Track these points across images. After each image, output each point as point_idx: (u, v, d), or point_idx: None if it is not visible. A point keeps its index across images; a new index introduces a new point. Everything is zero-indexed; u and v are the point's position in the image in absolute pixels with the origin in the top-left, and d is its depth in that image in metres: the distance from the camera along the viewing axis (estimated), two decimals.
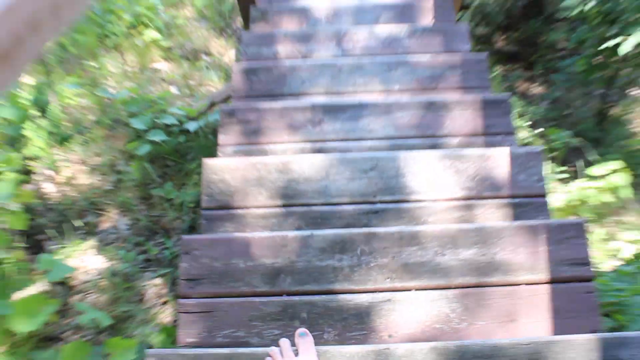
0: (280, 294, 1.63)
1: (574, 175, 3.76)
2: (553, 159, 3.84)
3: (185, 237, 1.71)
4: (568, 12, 4.07)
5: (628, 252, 3.06)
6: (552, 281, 1.64)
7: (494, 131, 2.28)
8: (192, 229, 3.05)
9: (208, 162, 2.01)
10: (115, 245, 2.90)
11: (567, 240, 1.68)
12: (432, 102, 2.31)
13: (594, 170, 3.47)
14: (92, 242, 2.88)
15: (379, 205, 1.94)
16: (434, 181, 1.98)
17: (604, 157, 3.79)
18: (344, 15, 3.20)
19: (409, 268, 1.65)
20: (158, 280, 2.78)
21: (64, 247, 2.82)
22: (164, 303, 2.69)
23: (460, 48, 2.86)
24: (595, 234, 3.26)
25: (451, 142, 2.27)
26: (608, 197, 3.31)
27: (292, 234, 1.69)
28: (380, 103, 2.31)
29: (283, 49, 2.91)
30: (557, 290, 1.63)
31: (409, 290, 1.63)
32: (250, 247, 1.67)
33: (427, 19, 3.21)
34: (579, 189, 3.37)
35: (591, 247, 3.18)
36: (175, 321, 2.62)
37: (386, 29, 2.97)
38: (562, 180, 3.60)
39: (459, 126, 2.28)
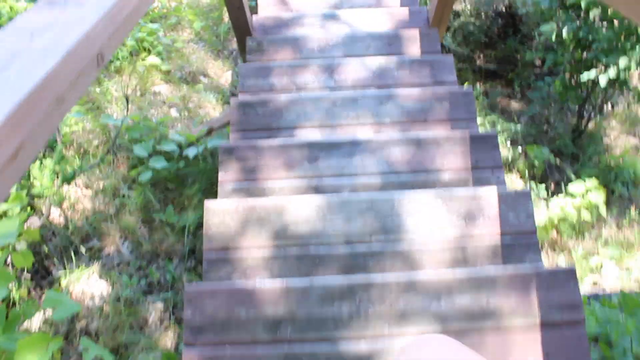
0: (281, 343, 1.55)
1: (554, 190, 3.72)
2: (533, 176, 3.78)
3: (189, 286, 1.63)
4: (544, 36, 4.02)
5: (609, 269, 3.02)
6: (545, 326, 1.58)
7: (482, 166, 2.21)
8: (192, 252, 2.97)
9: (209, 204, 1.93)
10: (118, 269, 2.81)
11: (558, 285, 1.61)
12: (422, 138, 2.24)
13: (571, 187, 3.42)
14: (96, 266, 2.79)
15: (374, 246, 1.87)
16: (428, 221, 1.91)
17: (581, 173, 3.75)
18: (335, 45, 3.11)
19: (407, 315, 1.58)
20: (160, 305, 2.69)
21: (69, 271, 2.73)
22: (166, 328, 2.61)
23: (446, 79, 2.79)
24: (576, 250, 3.21)
25: (442, 177, 2.20)
26: (586, 214, 3.26)
27: (292, 283, 1.62)
28: (373, 140, 2.24)
29: (278, 80, 2.82)
30: (550, 334, 1.57)
31: (407, 337, 1.56)
32: (252, 297, 1.59)
33: (414, 47, 3.13)
34: (558, 206, 3.32)
35: (573, 263, 3.14)
36: (177, 346, 2.54)
37: (376, 60, 2.89)
38: (543, 197, 3.55)
39: (449, 162, 2.21)
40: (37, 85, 0.86)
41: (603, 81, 3.24)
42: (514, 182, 3.71)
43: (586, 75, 3.39)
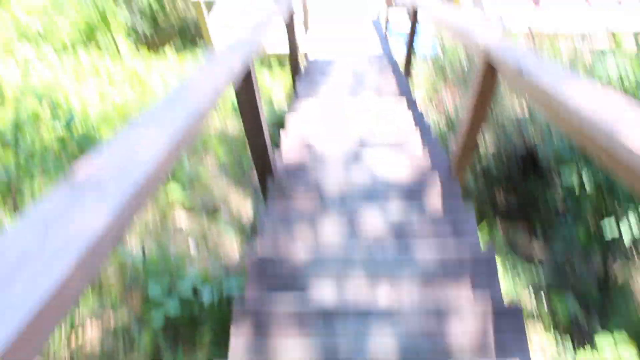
0: None
1: (581, 341, 3.55)
2: (557, 327, 3.63)
3: None
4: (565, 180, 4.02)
5: None
6: None
7: (504, 331, 2.11)
8: None
9: None
10: None
11: None
12: (442, 308, 2.17)
13: (599, 342, 3.26)
14: None
15: None
16: None
17: (609, 324, 3.59)
18: (356, 191, 3.13)
19: None
20: None
21: None
22: None
23: (468, 235, 2.76)
24: None
25: (462, 344, 2.10)
26: None
27: None
28: (391, 308, 2.17)
29: (298, 229, 2.82)
30: None
31: None
32: None
33: (435, 196, 3.14)
34: None
35: None
36: None
37: (396, 210, 2.89)
38: (569, 352, 3.38)
39: (470, 332, 2.12)
40: (43, 304, 0.82)
41: (627, 238, 3.19)
42: (537, 332, 3.56)
43: (609, 232, 3.34)
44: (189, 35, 9.72)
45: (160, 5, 9.63)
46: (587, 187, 3.80)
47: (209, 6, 9.57)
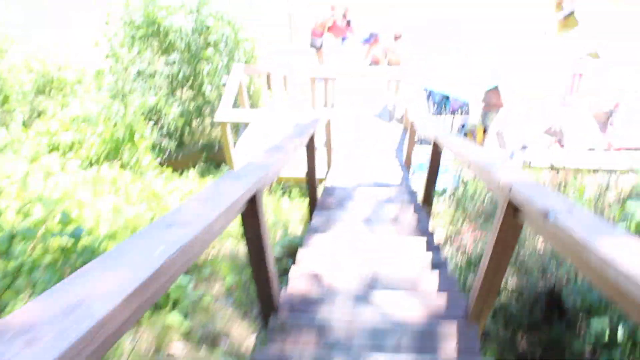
0: None
1: None
2: None
3: None
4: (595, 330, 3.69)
5: None
6: None
7: None
8: None
9: None
10: None
11: None
12: None
13: None
14: None
15: None
16: None
17: None
18: (363, 336, 2.86)
19: None
20: None
21: None
22: None
23: None
24: None
25: None
26: None
27: None
28: None
29: None
30: None
31: None
32: None
33: (450, 346, 2.84)
34: None
35: None
36: None
37: None
38: None
39: None
40: None
41: None
42: None
43: None
44: (212, 156, 9.85)
45: (188, 123, 9.85)
46: (620, 337, 3.47)
47: (235, 127, 9.77)
